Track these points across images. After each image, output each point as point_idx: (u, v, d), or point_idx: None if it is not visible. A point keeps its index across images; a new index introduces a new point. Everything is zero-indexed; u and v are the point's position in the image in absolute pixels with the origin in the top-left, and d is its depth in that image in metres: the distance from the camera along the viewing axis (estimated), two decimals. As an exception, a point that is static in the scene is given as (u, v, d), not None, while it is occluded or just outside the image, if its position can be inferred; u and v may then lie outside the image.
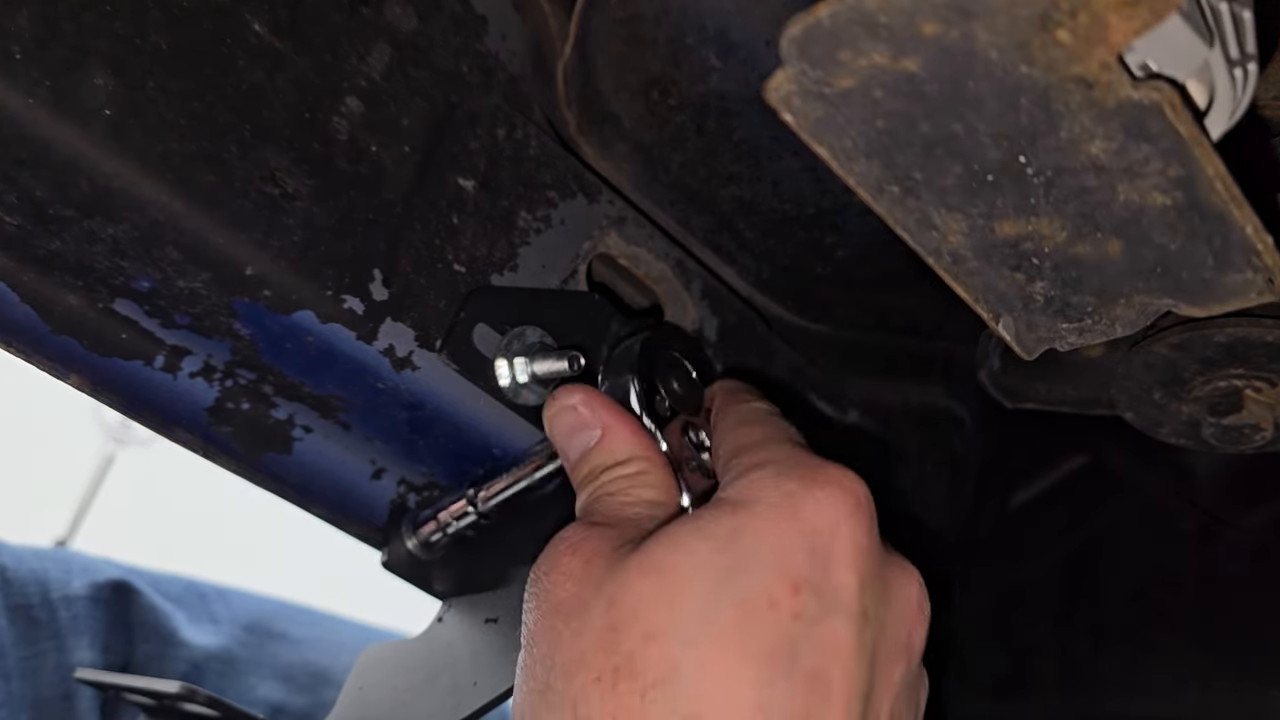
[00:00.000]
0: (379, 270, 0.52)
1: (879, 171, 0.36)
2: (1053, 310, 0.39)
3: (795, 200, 0.65)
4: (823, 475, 0.45)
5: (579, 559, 0.45)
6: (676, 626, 0.42)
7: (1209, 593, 0.70)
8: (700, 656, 0.41)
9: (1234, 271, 0.36)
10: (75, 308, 0.49)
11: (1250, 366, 0.54)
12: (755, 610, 0.42)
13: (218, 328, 0.51)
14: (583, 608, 0.43)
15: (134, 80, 0.46)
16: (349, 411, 0.55)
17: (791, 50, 0.32)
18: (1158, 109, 0.31)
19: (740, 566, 0.43)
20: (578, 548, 0.45)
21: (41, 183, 0.45)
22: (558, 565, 0.45)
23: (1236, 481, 0.73)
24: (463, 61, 0.56)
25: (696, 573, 0.43)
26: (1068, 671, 0.73)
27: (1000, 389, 0.66)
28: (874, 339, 0.76)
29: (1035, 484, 0.79)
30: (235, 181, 0.48)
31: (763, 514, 0.44)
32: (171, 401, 0.52)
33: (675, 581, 0.42)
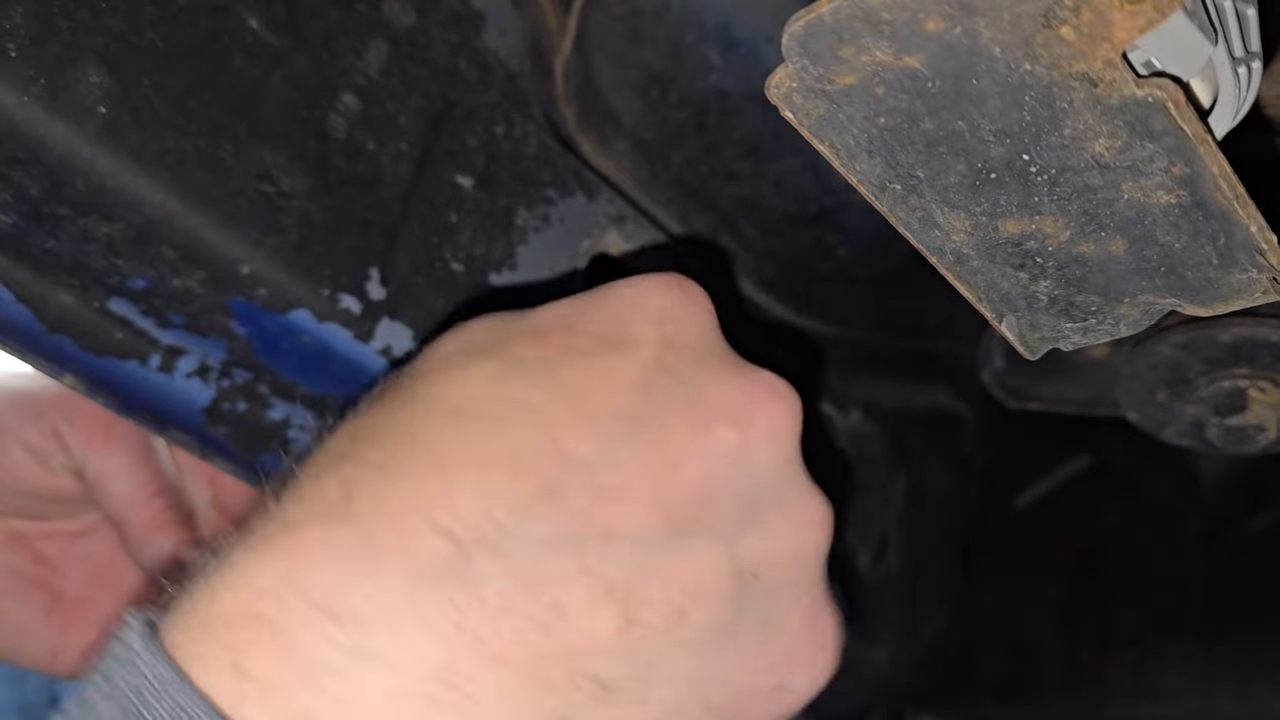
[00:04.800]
0: (376, 269, 0.52)
1: (881, 169, 0.35)
2: (1056, 310, 0.39)
3: (797, 199, 0.65)
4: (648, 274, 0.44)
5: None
6: (435, 351, 0.42)
7: (1214, 595, 0.70)
8: (448, 363, 0.41)
9: (1238, 271, 0.35)
10: (70, 307, 0.49)
11: (1255, 366, 0.54)
12: (518, 338, 0.41)
13: (213, 327, 0.51)
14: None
15: (129, 77, 0.45)
16: (346, 412, 0.55)
17: (793, 47, 0.32)
18: (1162, 107, 0.31)
19: (523, 318, 0.43)
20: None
21: (35, 181, 0.45)
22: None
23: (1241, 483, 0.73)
24: (461, 58, 0.56)
25: (478, 321, 0.43)
26: (1072, 674, 0.73)
27: (1004, 389, 0.66)
28: (876, 339, 0.76)
29: (1039, 485, 0.79)
30: (231, 180, 0.48)
31: (565, 300, 0.44)
32: (167, 401, 0.52)
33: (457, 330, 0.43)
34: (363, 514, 0.35)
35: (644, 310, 0.42)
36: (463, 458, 0.37)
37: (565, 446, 0.38)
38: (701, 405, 0.40)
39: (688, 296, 0.43)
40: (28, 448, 0.64)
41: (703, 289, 0.44)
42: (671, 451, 0.39)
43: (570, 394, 0.39)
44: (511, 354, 0.41)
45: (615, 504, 0.37)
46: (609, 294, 0.43)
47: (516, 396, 0.39)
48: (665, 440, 0.39)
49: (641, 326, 0.41)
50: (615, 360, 0.40)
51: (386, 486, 0.36)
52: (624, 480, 0.38)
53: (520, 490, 0.36)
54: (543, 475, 0.37)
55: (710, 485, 0.39)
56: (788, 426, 0.42)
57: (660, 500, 0.38)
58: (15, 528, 0.68)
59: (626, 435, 0.38)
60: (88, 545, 0.69)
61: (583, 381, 0.39)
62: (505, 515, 0.36)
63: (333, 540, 0.35)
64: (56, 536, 0.69)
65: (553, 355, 0.40)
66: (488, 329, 0.43)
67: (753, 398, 0.41)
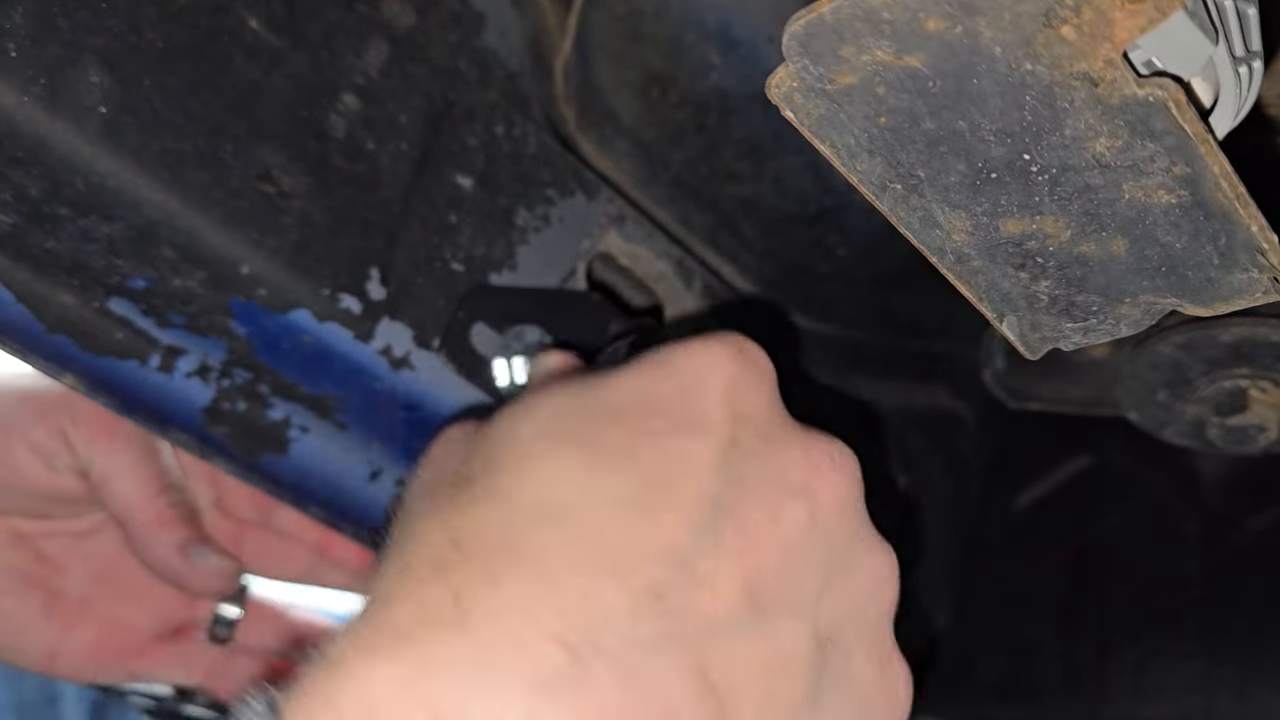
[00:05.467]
0: (376, 269, 0.52)
1: (882, 169, 0.35)
2: (1057, 310, 0.39)
3: (797, 198, 0.65)
4: (706, 336, 0.44)
5: (458, 427, 0.47)
6: (514, 434, 0.42)
7: (1214, 595, 0.70)
8: (532, 452, 0.41)
9: (1239, 270, 0.35)
10: (70, 307, 0.48)
11: (1256, 366, 0.54)
12: (595, 420, 0.41)
13: (213, 327, 0.51)
14: (445, 449, 0.45)
15: (129, 77, 0.45)
16: (346, 412, 0.55)
17: (793, 47, 0.32)
18: (1163, 106, 0.31)
19: (593, 394, 0.43)
20: (461, 423, 0.47)
21: (36, 181, 0.45)
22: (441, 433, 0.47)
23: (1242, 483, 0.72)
24: (460, 58, 0.56)
25: (550, 396, 0.43)
26: (1072, 674, 0.73)
27: (1004, 389, 0.65)
28: (877, 338, 0.76)
29: (1039, 485, 0.79)
30: (231, 180, 0.48)
31: (629, 366, 0.44)
32: (167, 401, 0.52)
33: (530, 405, 0.43)
34: (476, 624, 0.35)
35: (712, 384, 0.42)
36: (567, 563, 0.37)
37: (660, 540, 0.38)
38: (770, 481, 0.41)
39: (749, 362, 0.44)
40: (33, 447, 0.64)
41: (762, 351, 0.44)
42: (751, 533, 0.40)
43: (656, 483, 0.39)
44: (593, 442, 0.41)
45: (710, 594, 0.38)
46: (676, 364, 0.43)
47: (607, 491, 0.39)
48: (745, 521, 0.40)
49: (712, 402, 0.42)
50: (692, 442, 0.41)
51: (496, 596, 0.36)
52: (715, 568, 0.38)
53: (626, 591, 0.37)
54: (644, 573, 0.37)
55: (788, 560, 0.40)
56: (849, 490, 0.43)
57: (747, 583, 0.39)
58: (18, 526, 0.68)
59: (711, 521, 0.39)
60: (91, 546, 0.69)
61: (666, 469, 0.40)
62: (615, 620, 0.36)
63: (449, 650, 0.35)
64: (60, 536, 0.69)
65: (632, 440, 0.41)
66: (564, 410, 0.43)
67: (815, 466, 0.42)
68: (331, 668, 0.34)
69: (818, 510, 0.42)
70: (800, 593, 0.40)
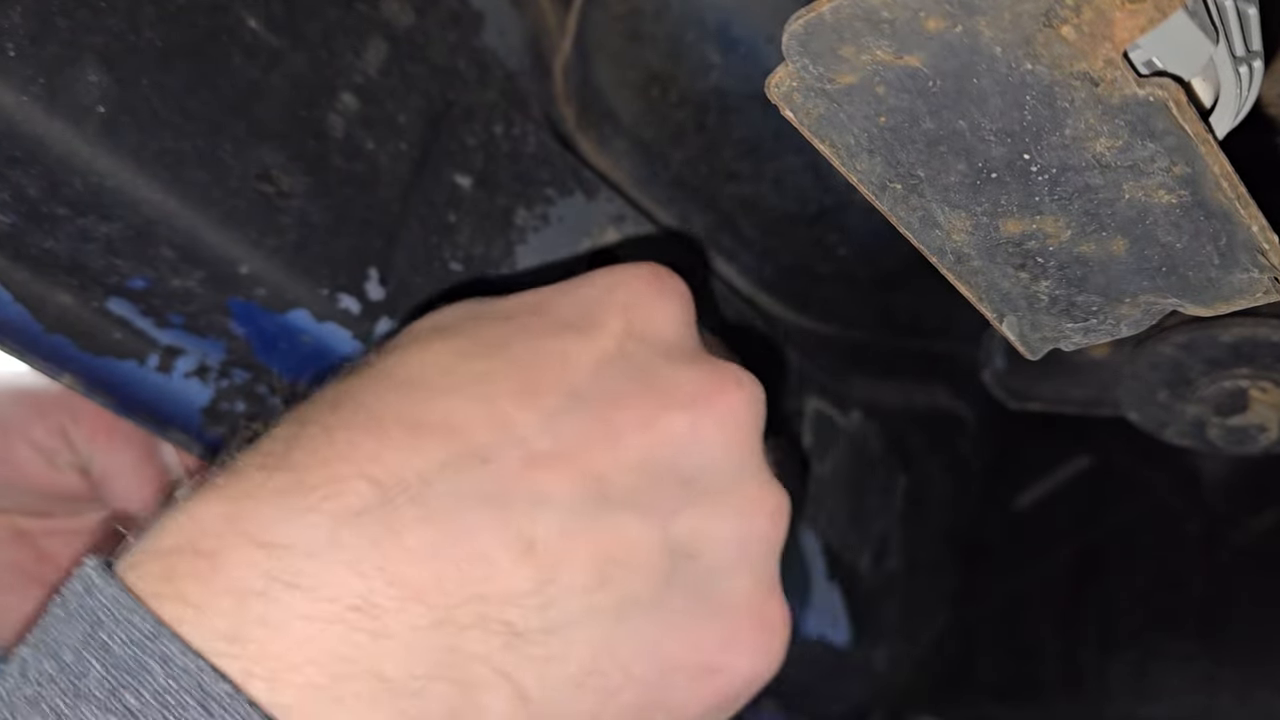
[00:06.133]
0: (375, 269, 0.52)
1: (882, 169, 0.35)
2: (1057, 310, 0.39)
3: (797, 198, 0.65)
4: (624, 264, 0.46)
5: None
6: (410, 329, 0.45)
7: (1216, 596, 0.70)
8: (418, 340, 0.43)
9: (1240, 271, 0.35)
10: (68, 307, 0.48)
11: (1257, 366, 0.54)
12: (486, 318, 0.44)
13: (212, 327, 0.50)
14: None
15: (128, 77, 0.45)
16: (345, 412, 0.55)
17: (793, 46, 0.32)
18: (1163, 106, 0.31)
19: (497, 301, 0.45)
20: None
21: (34, 180, 0.45)
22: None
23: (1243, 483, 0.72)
24: (460, 58, 0.56)
25: (455, 305, 0.46)
26: (1073, 675, 0.73)
27: (1004, 389, 0.65)
28: (877, 339, 0.76)
29: (1040, 486, 0.79)
30: (230, 179, 0.48)
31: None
32: (166, 401, 0.52)
33: (440, 310, 0.46)
34: (299, 463, 0.38)
35: (613, 298, 0.44)
36: (401, 421, 0.39)
37: (503, 413, 0.40)
38: (655, 390, 0.42)
39: (663, 287, 0.44)
40: (34, 445, 0.64)
41: (682, 281, 0.45)
42: (614, 428, 0.41)
43: (519, 369, 0.41)
44: (473, 333, 0.43)
45: (546, 470, 0.39)
46: (583, 281, 0.45)
47: (465, 369, 0.41)
48: (609, 417, 0.41)
49: (607, 314, 0.43)
50: (573, 342, 0.42)
51: (325, 442, 0.38)
52: (558, 449, 0.40)
53: (450, 448, 0.39)
54: (475, 438, 0.39)
55: (652, 464, 0.41)
56: (745, 415, 0.43)
57: (594, 472, 0.40)
58: (19, 524, 0.68)
59: (568, 410, 0.40)
60: (92, 544, 0.69)
61: (535, 359, 0.41)
62: (432, 470, 0.38)
63: (268, 483, 0.37)
64: (61, 534, 0.69)
65: (510, 335, 0.42)
66: (460, 311, 0.45)
67: (710, 385, 0.43)
68: (172, 509, 0.38)
69: (700, 426, 0.42)
70: (659, 496, 0.41)
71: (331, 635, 0.35)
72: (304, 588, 0.35)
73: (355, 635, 0.35)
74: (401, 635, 0.36)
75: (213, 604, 0.35)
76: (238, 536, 0.36)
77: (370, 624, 0.35)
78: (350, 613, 0.35)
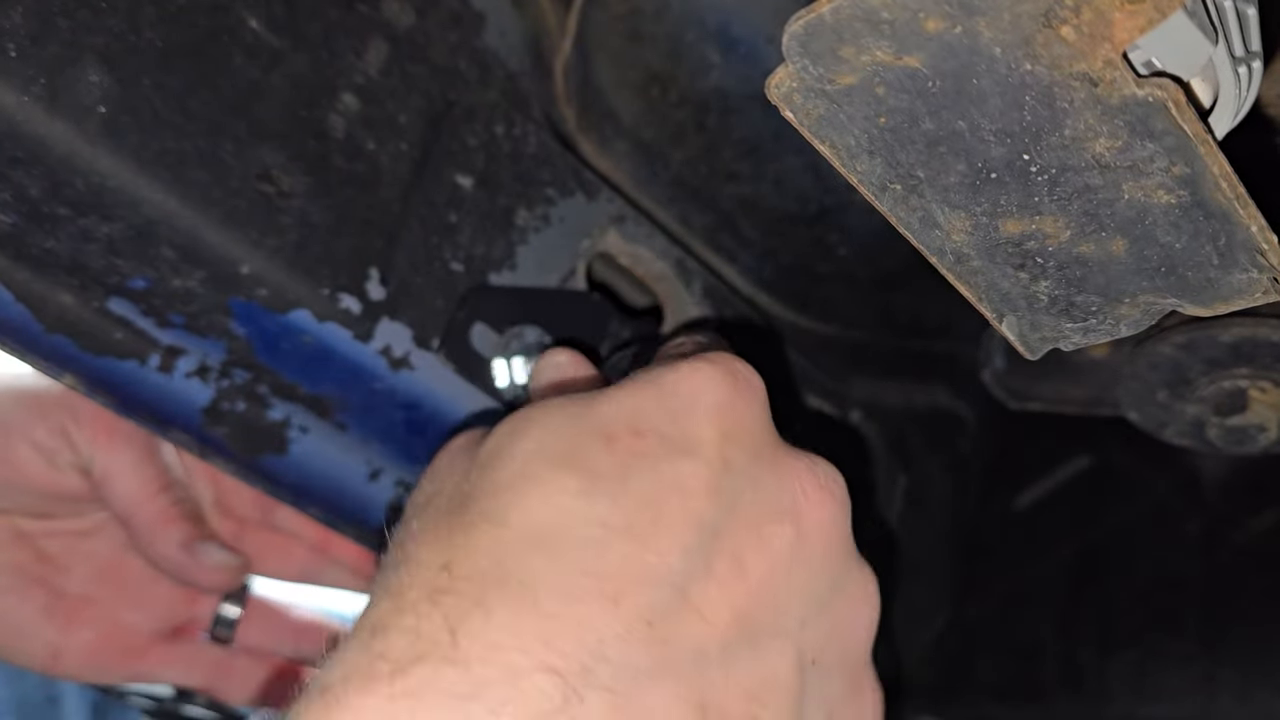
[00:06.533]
0: (376, 269, 0.52)
1: (881, 169, 0.35)
2: (1057, 310, 0.39)
3: (797, 198, 0.65)
4: (697, 355, 0.45)
5: (463, 436, 0.48)
6: (510, 454, 0.42)
7: (1215, 595, 0.70)
8: (527, 474, 0.41)
9: (1239, 271, 0.35)
10: (69, 307, 0.48)
11: (1256, 366, 0.54)
12: (588, 441, 0.42)
13: (213, 327, 0.50)
14: (449, 462, 0.45)
15: (129, 77, 0.45)
16: (345, 412, 0.55)
17: (793, 47, 0.32)
18: (1162, 107, 0.31)
19: (585, 414, 0.43)
20: (467, 432, 0.48)
21: (36, 180, 0.45)
22: (446, 444, 0.48)
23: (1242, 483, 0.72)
24: (460, 58, 0.56)
25: (545, 415, 0.43)
26: (1073, 675, 0.73)
27: (1004, 389, 0.65)
28: (877, 339, 0.76)
29: (1040, 485, 0.79)
30: (231, 180, 0.48)
31: (621, 385, 0.44)
32: (166, 402, 0.52)
33: (524, 423, 0.43)
34: (468, 656, 0.35)
35: (703, 405, 0.43)
36: (559, 590, 0.37)
37: (652, 565, 0.39)
38: (761, 504, 0.42)
39: (740, 383, 0.44)
40: (35, 446, 0.64)
41: (753, 370, 0.45)
42: (741, 556, 0.40)
43: (648, 507, 0.40)
44: (587, 465, 0.41)
45: (701, 620, 0.39)
46: (666, 385, 0.43)
47: (599, 516, 0.39)
48: (735, 545, 0.40)
49: (702, 425, 0.42)
50: (684, 465, 0.41)
51: (488, 626, 0.36)
52: (706, 593, 0.39)
53: (618, 619, 0.37)
54: (636, 600, 0.38)
55: (775, 583, 0.41)
56: (836, 511, 0.44)
57: (737, 609, 0.40)
58: (19, 525, 0.68)
59: (702, 546, 0.40)
60: (92, 544, 0.69)
61: (658, 493, 0.40)
62: (608, 648, 0.36)
63: (441, 682, 0.35)
64: (61, 535, 0.69)
65: (625, 464, 0.41)
66: (561, 430, 0.43)
67: (803, 490, 0.43)
68: (325, 698, 0.35)
69: (804, 532, 0.42)
70: (787, 616, 0.41)
71: None
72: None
73: None
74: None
75: None
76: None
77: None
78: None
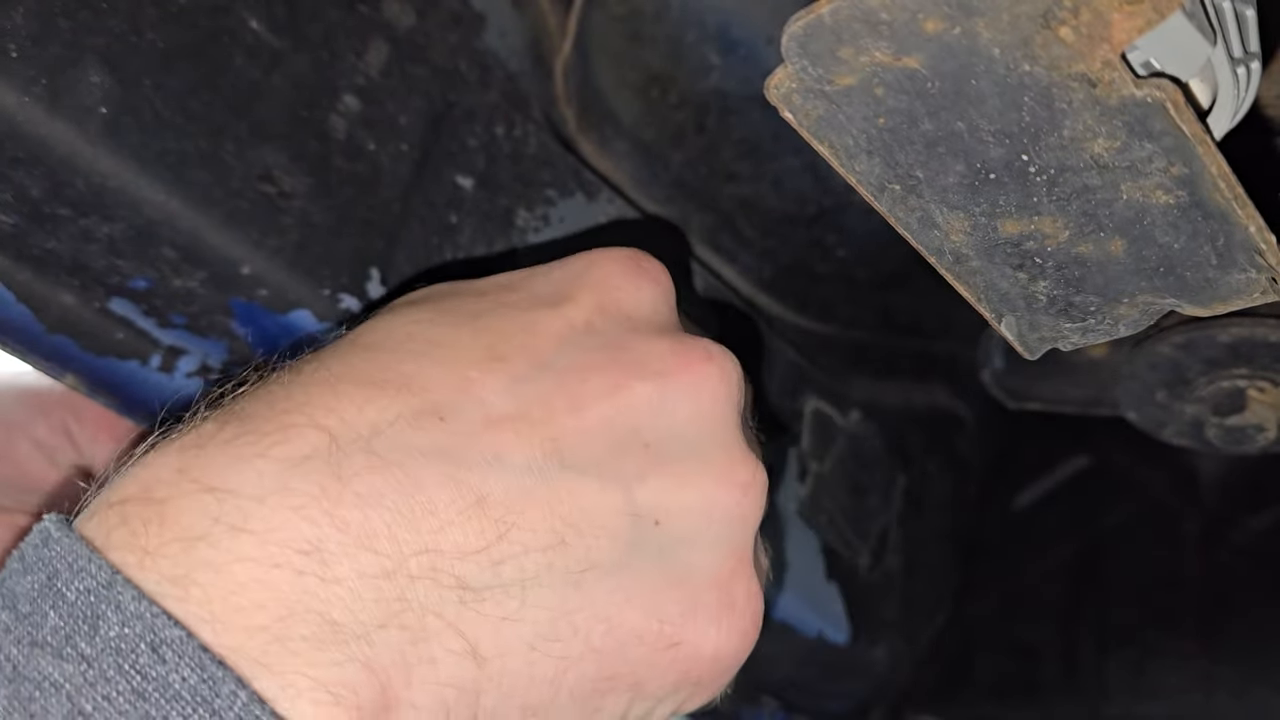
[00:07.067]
0: (376, 269, 0.52)
1: (880, 170, 0.35)
2: (1056, 310, 0.39)
3: (796, 199, 0.65)
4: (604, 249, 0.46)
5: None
6: (394, 303, 0.45)
7: (1213, 595, 0.70)
8: (394, 312, 0.43)
9: (1237, 271, 0.35)
10: (70, 307, 0.49)
11: (1254, 366, 0.54)
12: (465, 294, 0.44)
13: (214, 327, 0.51)
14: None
15: (130, 78, 0.45)
16: (346, 412, 0.55)
17: (792, 48, 0.32)
18: (1160, 107, 0.31)
19: (478, 280, 0.45)
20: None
21: (36, 181, 0.45)
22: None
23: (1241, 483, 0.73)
24: (461, 59, 0.56)
25: (443, 284, 0.45)
26: (1071, 673, 0.73)
27: (1003, 389, 0.66)
28: (876, 339, 0.76)
29: (1039, 485, 0.79)
30: (232, 180, 0.48)
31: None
32: (167, 401, 0.52)
33: (423, 290, 0.46)
34: (252, 414, 0.38)
35: (587, 277, 0.44)
36: (358, 377, 0.39)
37: (464, 376, 0.40)
38: (622, 362, 0.42)
39: (639, 268, 0.44)
40: (36, 444, 0.64)
41: (660, 265, 0.45)
42: (577, 395, 0.40)
43: (485, 337, 0.41)
44: (445, 305, 0.43)
45: (503, 431, 0.39)
46: (560, 263, 0.45)
47: (431, 335, 0.41)
48: (572, 385, 0.41)
49: (579, 290, 0.43)
50: (542, 314, 0.42)
51: (282, 396, 0.39)
52: (519, 413, 0.40)
53: (406, 404, 0.39)
54: (433, 396, 0.39)
55: (615, 431, 0.41)
56: (717, 386, 0.43)
57: (553, 435, 0.40)
58: (20, 524, 0.68)
59: (532, 377, 0.40)
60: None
61: (502, 329, 0.41)
62: (385, 422, 0.38)
63: (220, 434, 0.37)
64: None
65: (484, 308, 0.43)
66: (437, 287, 0.45)
67: (680, 356, 0.42)
68: (131, 463, 0.38)
69: (668, 395, 0.42)
70: (619, 463, 0.40)
71: (279, 579, 0.35)
72: (251, 531, 0.35)
73: (303, 580, 0.35)
74: (350, 581, 0.35)
75: (163, 550, 0.35)
76: (189, 484, 0.36)
77: (319, 569, 0.35)
78: (298, 557, 0.35)
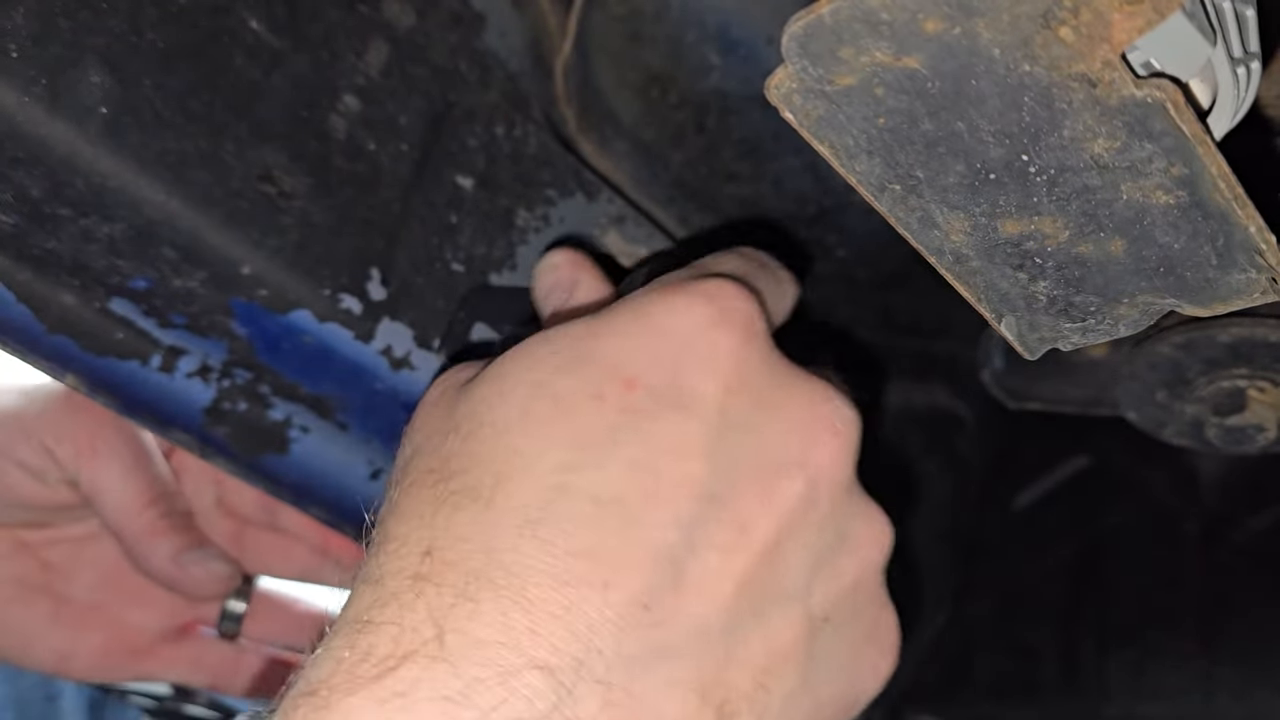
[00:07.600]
0: (377, 269, 0.52)
1: (881, 170, 0.35)
2: (1056, 310, 0.39)
3: (796, 199, 0.65)
4: (689, 285, 0.41)
5: (438, 387, 0.43)
6: (492, 420, 0.39)
7: (1213, 595, 0.70)
8: (509, 446, 0.38)
9: (1237, 271, 0.35)
10: (71, 307, 0.49)
11: (1254, 366, 0.54)
12: (575, 401, 0.38)
13: (214, 327, 0.51)
14: (426, 421, 0.41)
15: (130, 78, 0.45)
16: (346, 412, 0.55)
17: (793, 48, 0.32)
18: (1160, 107, 0.31)
19: (571, 365, 0.39)
20: (442, 380, 0.43)
21: (37, 181, 0.45)
22: (423, 398, 0.43)
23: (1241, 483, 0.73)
24: (461, 59, 0.56)
25: (528, 371, 0.40)
26: (1071, 673, 0.73)
27: (1003, 389, 0.65)
28: (876, 338, 0.76)
29: (1038, 485, 0.79)
30: (232, 180, 0.48)
31: (609, 320, 0.41)
32: (168, 401, 0.52)
33: (507, 382, 0.40)
34: (455, 654, 0.34)
35: (698, 352, 0.40)
36: (548, 577, 0.35)
37: (645, 542, 0.36)
38: (766, 455, 0.39)
39: (738, 321, 0.41)
40: (21, 465, 0.64)
41: (749, 298, 0.42)
42: (744, 521, 0.38)
43: (641, 475, 0.37)
44: (573, 430, 0.38)
45: (701, 597, 0.37)
46: (655, 322, 0.40)
47: (588, 491, 0.37)
48: (737, 510, 0.38)
49: (697, 375, 0.39)
50: (677, 424, 0.38)
51: (477, 620, 0.34)
52: (705, 568, 0.37)
53: (611, 606, 0.35)
54: (629, 583, 0.36)
55: (781, 546, 0.39)
56: (847, 457, 0.41)
57: (740, 581, 0.37)
58: (20, 536, 0.68)
59: (700, 516, 0.37)
60: (94, 550, 0.69)
61: (650, 458, 0.38)
62: (600, 639, 0.35)
63: (430, 684, 0.33)
64: (63, 543, 0.69)
65: (614, 423, 0.38)
66: (540, 387, 0.39)
67: (814, 437, 0.40)
68: (312, 699, 0.33)
69: (814, 484, 0.40)
70: (794, 579, 0.39)
71: None
72: None
73: None
74: None
75: None
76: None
77: None
78: None
